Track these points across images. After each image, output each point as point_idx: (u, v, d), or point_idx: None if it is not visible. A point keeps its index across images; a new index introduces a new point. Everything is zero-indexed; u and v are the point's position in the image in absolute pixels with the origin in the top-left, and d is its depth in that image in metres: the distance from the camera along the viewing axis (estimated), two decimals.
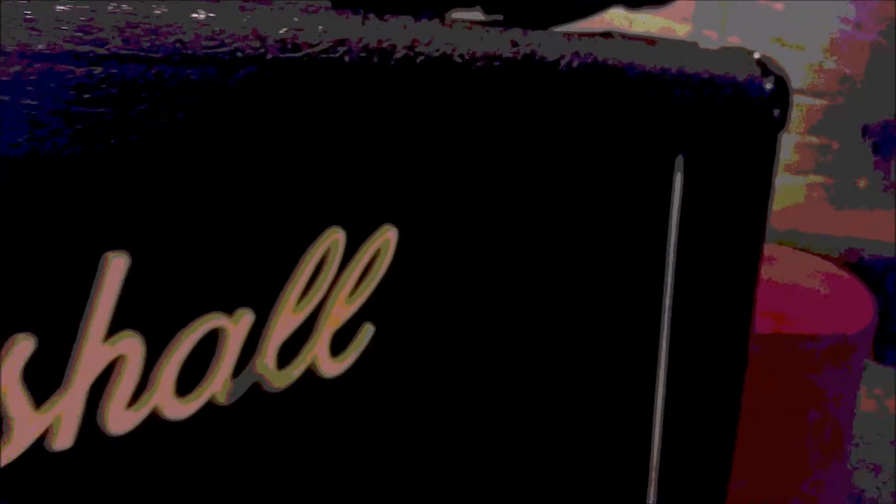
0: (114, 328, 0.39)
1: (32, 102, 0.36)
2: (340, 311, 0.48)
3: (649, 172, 0.65)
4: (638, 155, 0.64)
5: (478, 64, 0.50)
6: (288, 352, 0.47)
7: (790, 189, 2.38)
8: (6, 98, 0.35)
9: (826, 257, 1.55)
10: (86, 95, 0.37)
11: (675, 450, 0.80)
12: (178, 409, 0.42)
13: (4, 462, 0.38)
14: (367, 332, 0.50)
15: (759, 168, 0.69)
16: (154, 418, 0.42)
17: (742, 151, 0.68)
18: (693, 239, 0.71)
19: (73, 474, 0.40)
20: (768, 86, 0.66)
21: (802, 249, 1.59)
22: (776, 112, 0.67)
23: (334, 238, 0.47)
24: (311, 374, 0.48)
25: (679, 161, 0.66)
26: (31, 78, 0.36)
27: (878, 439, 1.58)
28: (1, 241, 0.36)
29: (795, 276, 1.26)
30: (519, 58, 0.51)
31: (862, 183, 2.71)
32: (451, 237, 0.53)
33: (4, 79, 0.35)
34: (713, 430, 0.87)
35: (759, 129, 0.67)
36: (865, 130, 2.67)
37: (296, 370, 0.47)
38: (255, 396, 0.46)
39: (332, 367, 0.49)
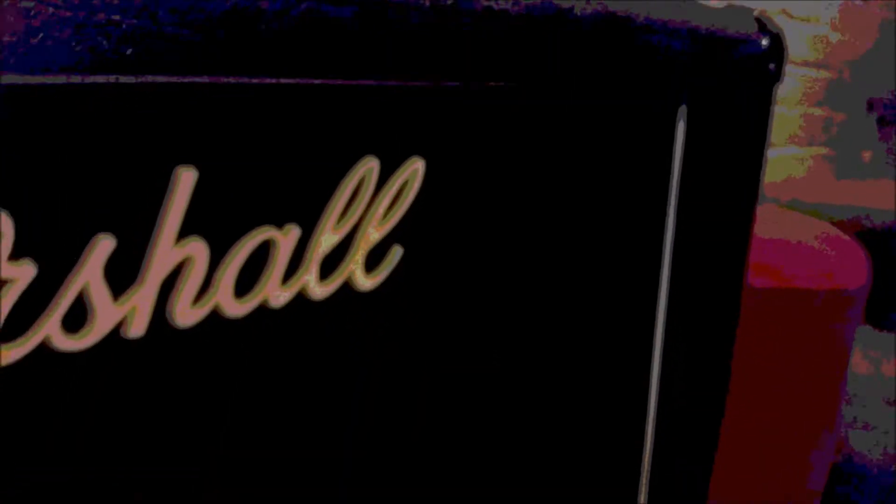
0: (183, 234, 0.45)
1: (96, 18, 0.42)
2: (373, 232, 0.54)
3: (652, 122, 0.71)
4: (642, 104, 0.69)
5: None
6: (328, 266, 0.53)
7: (794, 160, 2.43)
8: (67, 14, 0.41)
9: (827, 223, 1.60)
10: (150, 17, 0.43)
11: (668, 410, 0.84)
12: (236, 308, 0.48)
13: (86, 346, 0.44)
14: (397, 253, 0.56)
15: (755, 118, 0.75)
16: (216, 315, 0.48)
17: (740, 102, 0.73)
18: (693, 189, 0.76)
19: (145, 361, 0.46)
20: (765, 42, 0.71)
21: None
22: (771, 66, 0.73)
23: (369, 166, 0.53)
24: (348, 287, 0.54)
25: (682, 111, 0.71)
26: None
27: (872, 399, 1.64)
28: (89, 156, 0.42)
29: (794, 235, 1.31)
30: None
31: (867, 155, 2.76)
32: (471, 171, 0.59)
33: None
34: (705, 384, 0.92)
35: (755, 82, 0.73)
36: (871, 104, 2.71)
37: (335, 283, 0.53)
38: (300, 304, 0.52)
39: (365, 283, 0.54)
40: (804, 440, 1.21)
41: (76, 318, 0.43)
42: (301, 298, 0.52)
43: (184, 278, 0.46)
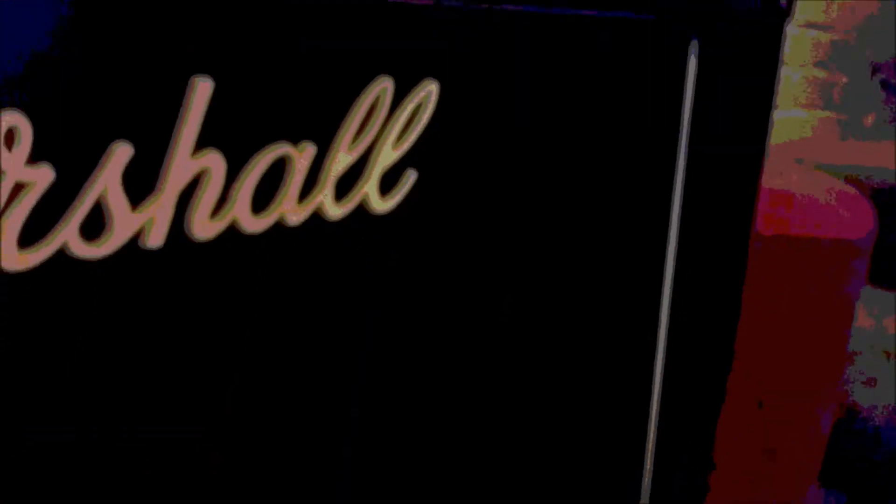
0: (200, 145, 0.45)
1: None
2: (388, 154, 0.54)
3: (664, 56, 0.70)
4: (654, 37, 0.69)
5: None
6: (344, 187, 0.52)
7: (797, 123, 2.42)
8: None
9: (833, 178, 1.59)
10: None
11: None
12: (254, 224, 0.48)
13: (104, 254, 0.44)
14: (411, 176, 0.55)
15: (766, 55, 0.74)
16: (233, 230, 0.48)
17: (751, 37, 0.73)
18: (704, 122, 0.75)
19: (163, 274, 0.46)
20: None
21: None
22: (783, 1, 0.72)
23: (384, 86, 0.53)
24: (363, 209, 0.54)
25: (693, 45, 0.71)
26: None
27: (874, 354, 1.64)
28: (109, 62, 0.42)
29: (800, 188, 1.31)
30: None
31: (869, 119, 2.75)
32: (485, 96, 0.59)
33: None
34: (714, 331, 0.92)
35: (767, 17, 0.72)
36: (875, 67, 2.70)
37: (350, 203, 0.53)
38: (316, 224, 0.51)
39: (380, 205, 0.54)
40: (810, 391, 1.21)
41: (95, 225, 0.43)
42: (317, 218, 0.51)
43: (201, 190, 0.46)
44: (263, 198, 0.49)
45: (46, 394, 0.45)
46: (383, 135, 0.53)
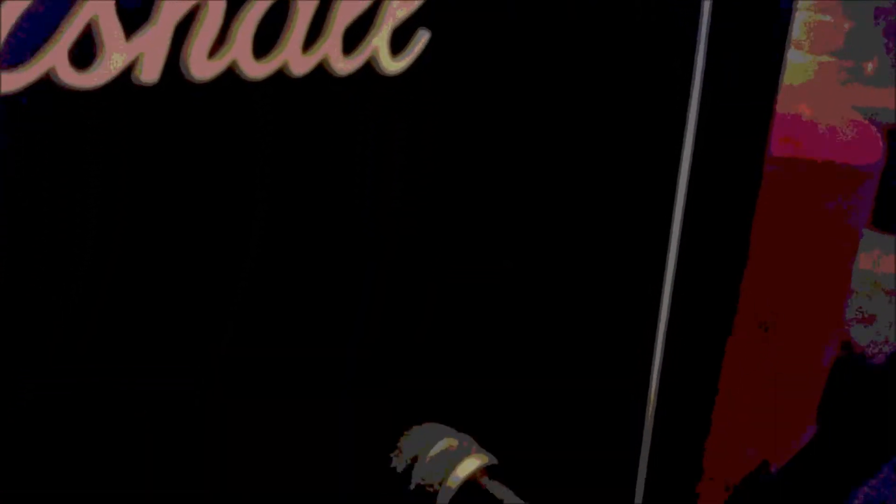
0: None
1: None
2: (399, 8, 0.50)
3: None
4: None
5: None
6: (352, 41, 0.49)
7: (800, 68, 2.38)
8: None
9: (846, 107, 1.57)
10: None
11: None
12: (255, 69, 0.45)
13: (95, 85, 0.40)
14: (423, 36, 0.52)
15: None
16: (233, 74, 0.44)
17: None
18: (718, 61, 0.73)
19: (157, 111, 0.43)
20: None
21: None
22: None
23: None
24: (371, 68, 0.50)
25: None
26: None
27: (873, 291, 1.63)
28: None
29: (814, 116, 1.28)
30: None
31: (870, 67, 2.72)
32: None
33: None
34: (723, 259, 0.89)
35: None
36: (878, 14, 2.66)
37: (358, 58, 0.49)
38: (321, 77, 0.48)
39: (390, 65, 0.51)
40: (815, 316, 1.19)
41: (86, 55, 0.40)
42: (323, 72, 0.48)
43: (197, 24, 0.42)
44: (266, 43, 0.45)
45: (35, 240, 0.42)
46: None
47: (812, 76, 2.42)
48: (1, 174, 0.39)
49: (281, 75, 0.46)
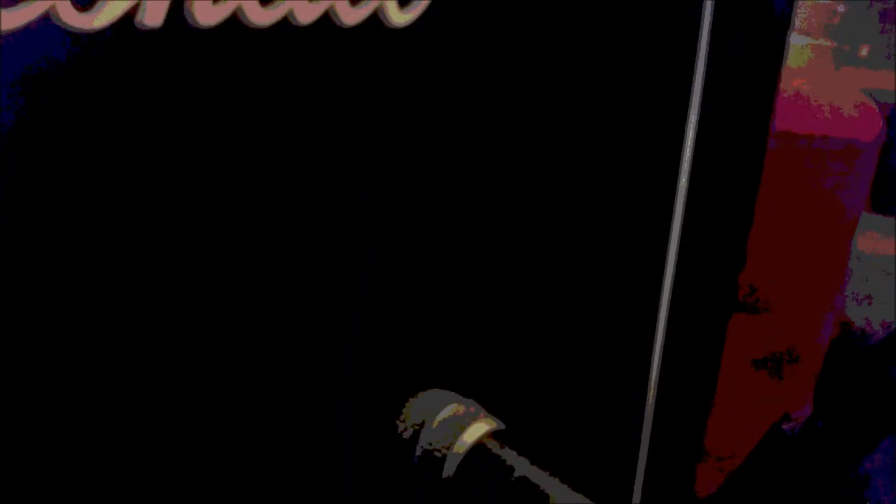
0: None
1: None
2: None
3: None
4: None
5: None
6: None
7: (795, 50, 2.37)
8: None
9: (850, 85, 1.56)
10: None
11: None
12: (260, 16, 0.43)
13: (97, 28, 0.39)
14: None
15: None
16: (238, 20, 0.43)
17: None
18: (722, 36, 0.72)
19: (160, 58, 0.41)
20: None
21: None
22: None
23: None
24: (378, 19, 0.49)
25: None
26: None
27: (871, 272, 1.62)
28: None
29: (813, 93, 1.28)
30: None
31: (864, 51, 2.72)
32: None
33: None
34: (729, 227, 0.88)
35: None
36: None
37: (365, 8, 0.48)
38: (327, 27, 0.47)
39: (398, 18, 0.50)
40: (814, 292, 1.19)
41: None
42: (328, 21, 0.47)
43: None
44: None
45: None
46: None
47: (808, 59, 2.41)
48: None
49: (285, 25, 0.45)
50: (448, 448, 0.53)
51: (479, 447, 0.52)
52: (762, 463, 1.14)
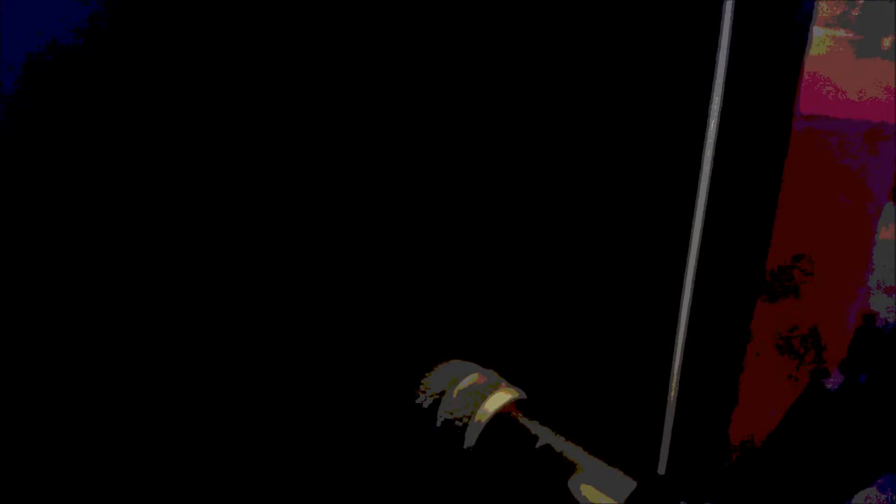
0: None
1: None
2: None
3: None
4: None
5: None
6: None
7: (816, 40, 2.35)
8: None
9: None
10: None
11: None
12: None
13: None
14: None
15: None
16: None
17: None
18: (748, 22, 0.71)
19: None
20: None
21: None
22: None
23: None
24: None
25: None
26: None
27: (893, 263, 1.60)
28: None
29: (836, 79, 1.26)
30: None
31: (887, 42, 2.69)
32: None
33: None
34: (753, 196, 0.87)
35: None
36: None
37: None
38: None
39: None
40: (841, 274, 1.16)
41: None
42: None
43: None
44: None
45: None
46: None
47: (829, 47, 2.39)
48: None
49: None
50: (469, 418, 0.52)
51: (501, 416, 0.51)
52: (798, 421, 1.11)
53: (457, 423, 0.52)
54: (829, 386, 1.11)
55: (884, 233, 1.71)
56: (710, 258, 0.79)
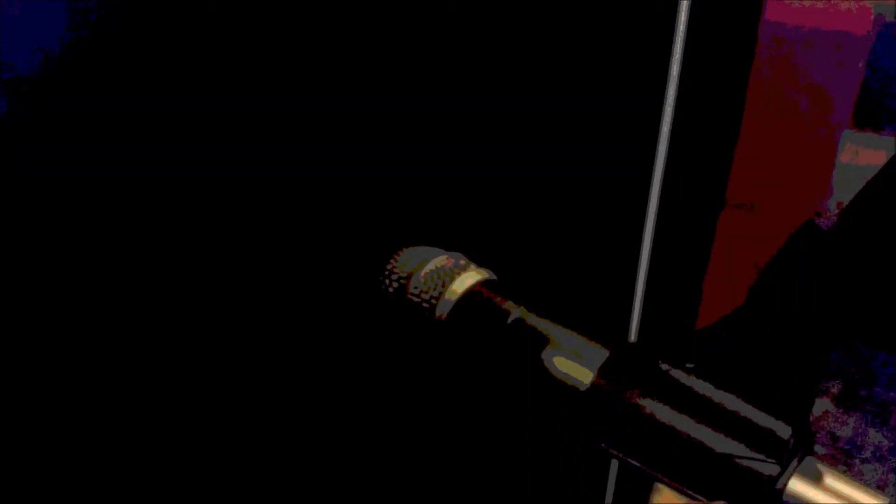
0: None
1: None
2: None
3: None
4: None
5: None
6: None
7: None
8: None
9: None
10: None
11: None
12: None
13: None
14: None
15: None
16: None
17: None
18: None
19: None
20: None
21: None
22: None
23: None
24: None
25: None
26: None
27: (855, 185, 1.61)
28: None
29: None
30: None
31: None
32: None
33: None
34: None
35: None
36: None
37: None
38: None
39: None
40: (800, 196, 1.17)
41: None
42: None
43: None
44: None
45: None
46: None
47: None
48: None
49: None
50: (437, 298, 0.50)
51: (470, 294, 0.49)
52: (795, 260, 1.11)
53: (424, 304, 0.50)
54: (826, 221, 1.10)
55: (845, 155, 1.72)
56: (674, 177, 0.78)
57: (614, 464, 0.92)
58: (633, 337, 0.73)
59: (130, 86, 0.40)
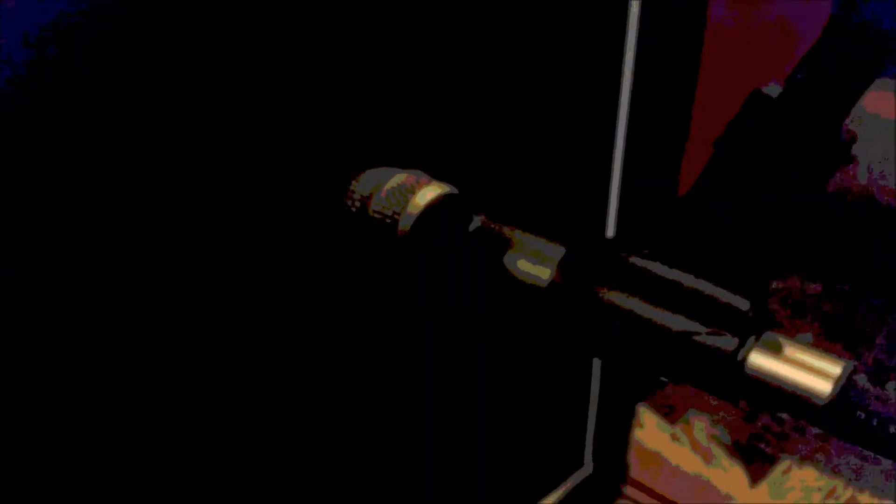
0: None
1: None
2: None
3: None
4: None
5: None
6: None
7: None
8: None
9: None
10: None
11: None
12: None
13: None
14: None
15: None
16: None
17: None
18: None
19: None
20: None
21: None
22: None
23: None
24: None
25: None
26: None
27: None
28: None
29: None
30: None
31: None
32: None
33: None
34: None
35: None
36: None
37: None
38: None
39: None
40: None
41: None
42: None
43: None
44: None
45: None
46: None
47: None
48: None
49: None
50: (399, 214, 0.50)
51: (433, 207, 0.49)
52: (743, 132, 1.10)
53: (387, 220, 0.50)
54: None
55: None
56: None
57: (594, 402, 0.92)
58: (610, 232, 0.73)
59: None
